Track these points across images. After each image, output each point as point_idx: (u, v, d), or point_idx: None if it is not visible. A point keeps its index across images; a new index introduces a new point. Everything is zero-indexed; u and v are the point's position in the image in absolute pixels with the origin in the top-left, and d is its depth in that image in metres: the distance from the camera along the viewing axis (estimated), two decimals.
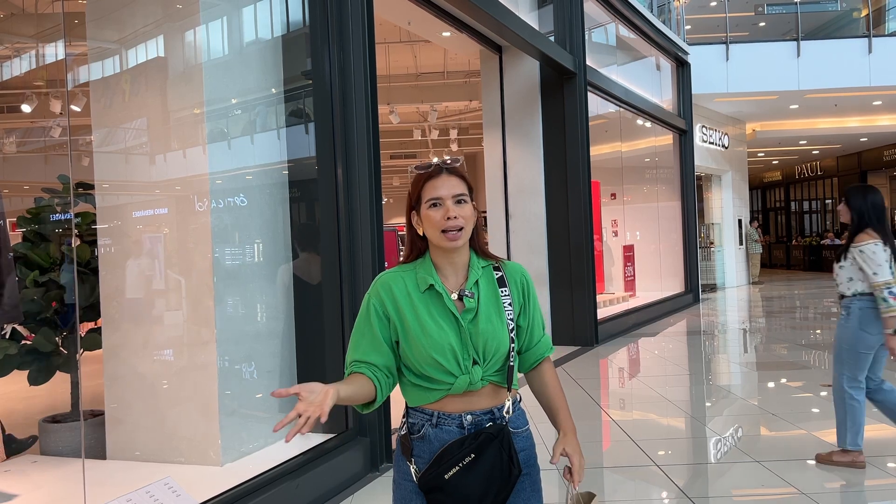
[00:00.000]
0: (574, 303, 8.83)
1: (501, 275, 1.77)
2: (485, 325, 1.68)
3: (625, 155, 12.58)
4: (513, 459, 1.66)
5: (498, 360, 1.70)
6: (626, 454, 4.58)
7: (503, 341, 1.69)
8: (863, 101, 15.81)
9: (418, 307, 1.68)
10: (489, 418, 1.70)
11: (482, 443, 1.64)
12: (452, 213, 1.65)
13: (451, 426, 1.68)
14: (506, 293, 1.74)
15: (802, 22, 14.99)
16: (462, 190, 1.68)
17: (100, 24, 4.33)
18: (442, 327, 1.66)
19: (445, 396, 1.68)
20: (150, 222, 4.31)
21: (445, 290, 1.69)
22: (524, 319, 1.79)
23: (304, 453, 3.91)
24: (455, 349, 1.65)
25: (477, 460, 1.63)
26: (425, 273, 1.70)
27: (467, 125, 18.28)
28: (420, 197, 1.69)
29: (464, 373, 1.66)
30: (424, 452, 1.69)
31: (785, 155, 24.29)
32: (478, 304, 1.70)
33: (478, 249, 1.76)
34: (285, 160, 4.58)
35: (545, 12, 9.16)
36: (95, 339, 4.24)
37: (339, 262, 4.36)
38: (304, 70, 4.63)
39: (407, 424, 1.74)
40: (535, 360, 1.81)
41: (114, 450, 4.13)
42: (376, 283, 1.74)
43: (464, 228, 1.66)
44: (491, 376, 1.69)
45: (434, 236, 1.68)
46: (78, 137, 4.79)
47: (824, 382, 6.33)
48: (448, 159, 1.71)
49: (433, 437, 1.68)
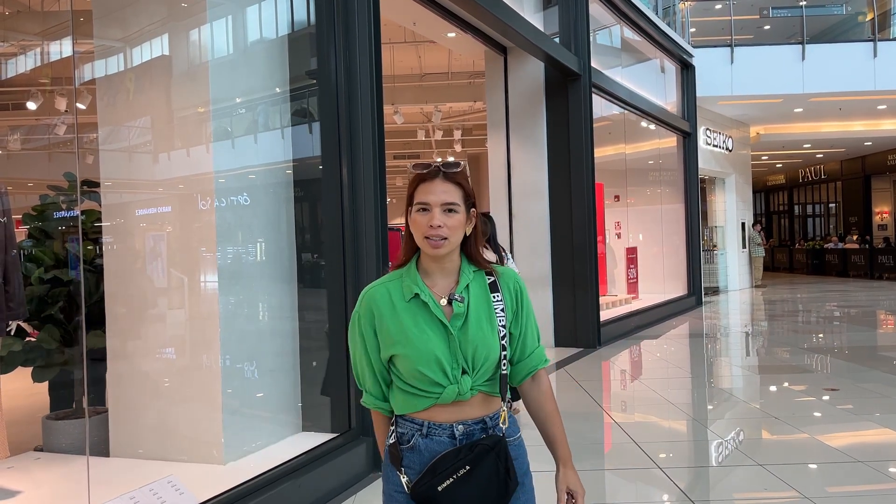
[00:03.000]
0: (577, 305, 8.82)
1: (494, 280, 1.70)
2: (474, 332, 1.62)
3: (629, 157, 12.58)
4: (510, 472, 1.62)
5: (488, 369, 1.64)
6: (629, 457, 4.57)
7: (493, 349, 1.63)
8: (867, 105, 15.78)
9: (403, 318, 1.63)
10: (481, 428, 1.65)
11: (478, 455, 1.59)
12: (437, 222, 1.59)
13: (443, 437, 1.63)
14: (498, 298, 1.68)
15: (807, 25, 14.97)
16: (454, 199, 1.61)
17: (106, 22, 4.34)
18: (429, 336, 1.61)
19: (434, 405, 1.63)
20: (154, 220, 4.32)
21: (432, 297, 1.64)
22: (516, 327, 1.71)
23: (307, 452, 3.91)
24: (441, 359, 1.60)
25: (472, 472, 1.58)
26: (410, 281, 1.65)
27: (471, 126, 18.27)
28: (412, 197, 1.65)
29: (452, 383, 1.61)
30: (415, 463, 1.64)
31: (789, 158, 24.26)
32: (467, 309, 1.64)
33: (469, 255, 1.70)
34: (290, 159, 4.59)
35: (550, 14, 9.16)
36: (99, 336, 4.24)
37: (344, 261, 4.36)
38: (309, 69, 4.63)
39: (396, 433, 1.68)
40: (528, 373, 1.74)
41: (117, 447, 4.14)
42: (361, 299, 1.72)
43: (448, 239, 1.60)
44: (481, 386, 1.64)
45: (418, 240, 1.63)
46: (83, 135, 4.80)
47: (827, 386, 6.33)
48: (449, 161, 1.65)
49: (423, 448, 1.64)
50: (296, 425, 4.42)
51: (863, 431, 5.03)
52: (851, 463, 4.24)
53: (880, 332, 10.58)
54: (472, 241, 1.70)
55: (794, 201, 29.11)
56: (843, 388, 6.27)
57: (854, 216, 24.38)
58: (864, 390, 6.23)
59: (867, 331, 10.64)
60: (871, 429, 5.09)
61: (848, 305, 13.92)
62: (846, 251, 21.59)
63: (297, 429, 4.41)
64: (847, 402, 5.82)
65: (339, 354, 4.36)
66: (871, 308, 13.35)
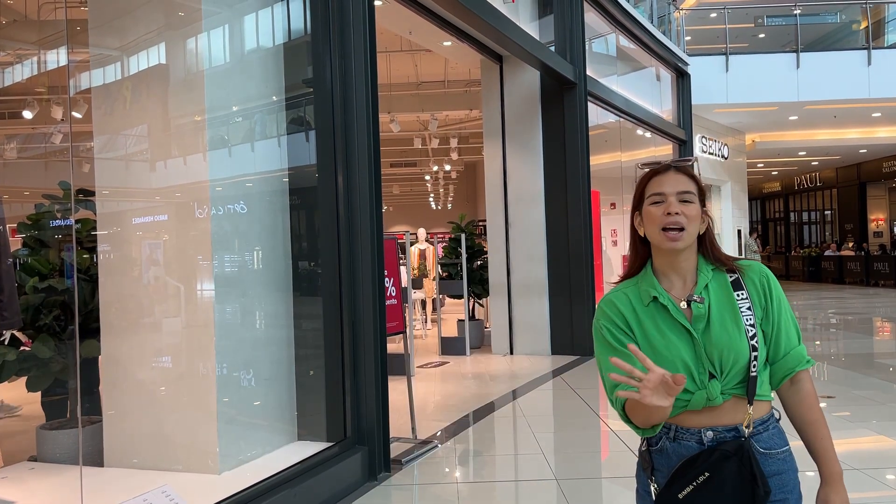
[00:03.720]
0: (573, 312, 8.81)
1: (737, 277, 1.59)
2: (719, 334, 1.53)
3: (625, 165, 12.60)
4: (756, 480, 1.48)
5: (738, 372, 1.53)
6: (626, 465, 4.56)
7: (742, 351, 1.52)
8: (862, 113, 15.86)
9: (644, 322, 1.57)
10: (733, 435, 1.53)
11: (716, 461, 1.49)
12: (674, 209, 1.52)
13: (690, 441, 1.55)
14: (742, 297, 1.56)
15: (802, 34, 15.06)
16: (689, 188, 1.56)
17: (102, 31, 4.34)
18: (672, 342, 1.54)
19: (683, 412, 1.55)
20: (150, 229, 4.31)
21: (671, 300, 1.57)
22: (767, 325, 1.58)
23: (302, 462, 3.90)
24: (688, 364, 1.52)
25: (712, 479, 1.49)
26: (647, 285, 1.59)
27: (468, 134, 18.32)
28: (643, 194, 1.59)
29: (700, 388, 1.53)
30: (663, 466, 1.58)
31: (784, 166, 24.37)
32: (709, 310, 1.55)
33: (707, 253, 1.61)
34: (286, 168, 4.59)
35: (546, 22, 9.20)
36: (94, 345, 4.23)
37: (339, 269, 4.36)
38: (305, 78, 4.64)
39: (645, 438, 1.63)
40: (785, 375, 1.59)
41: (112, 457, 4.12)
42: (599, 306, 1.66)
43: (686, 229, 1.53)
44: (733, 389, 1.53)
45: (654, 235, 1.56)
46: (79, 144, 4.80)
47: (823, 394, 6.33)
48: (680, 158, 1.60)
49: (671, 451, 1.57)
50: (291, 434, 4.40)
51: (859, 439, 5.02)
52: (848, 471, 4.22)
53: (877, 340, 10.60)
54: (707, 240, 1.61)
55: (790, 209, 29.21)
56: (840, 396, 6.28)
57: (850, 223, 24.47)
58: (860, 398, 6.23)
59: (864, 338, 10.65)
60: (867, 436, 5.09)
61: (844, 312, 13.94)
62: (842, 258, 21.65)
63: (292, 437, 4.40)
64: (844, 409, 5.83)
65: (334, 362, 4.35)
66: (867, 315, 13.37)
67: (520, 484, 4.41)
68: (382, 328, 4.46)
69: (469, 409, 6.14)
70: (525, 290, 9.06)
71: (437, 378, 7.80)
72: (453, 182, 27.06)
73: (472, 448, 5.18)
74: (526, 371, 7.84)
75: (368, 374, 4.32)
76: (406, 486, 4.26)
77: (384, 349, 4.49)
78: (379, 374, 4.36)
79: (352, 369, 4.31)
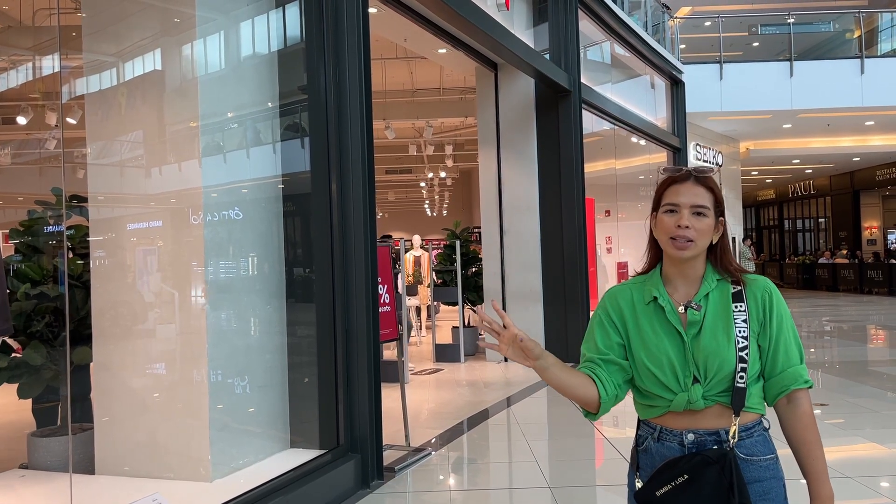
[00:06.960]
0: (568, 320, 8.81)
1: (740, 290, 1.64)
2: (707, 342, 1.58)
3: (619, 172, 12.63)
4: (733, 488, 1.51)
5: (722, 380, 1.57)
6: (620, 473, 4.55)
7: (727, 359, 1.57)
8: (855, 122, 15.94)
9: (641, 319, 1.65)
10: (714, 440, 1.58)
11: (697, 465, 1.54)
12: (684, 223, 1.58)
13: (672, 443, 1.62)
14: (740, 308, 1.61)
15: (795, 42, 15.14)
16: (704, 202, 1.60)
17: (96, 38, 4.34)
18: (662, 341, 1.61)
19: (667, 412, 1.63)
20: (144, 235, 4.30)
21: (670, 302, 1.63)
22: (765, 339, 1.61)
23: (295, 469, 3.89)
24: (674, 365, 1.59)
25: (691, 482, 1.53)
26: (651, 285, 1.67)
27: (462, 141, 18.36)
28: (660, 200, 1.65)
29: (683, 390, 1.59)
30: (647, 466, 1.66)
31: (778, 174, 24.46)
32: (703, 318, 1.60)
33: (716, 264, 1.65)
34: (280, 174, 4.59)
35: (540, 30, 9.23)
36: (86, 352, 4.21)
37: (333, 275, 4.35)
38: (299, 85, 4.65)
39: (636, 436, 1.73)
40: (779, 392, 1.61)
41: (102, 464, 4.09)
42: (604, 296, 1.75)
43: (694, 242, 1.58)
44: (717, 397, 1.58)
45: (663, 241, 1.63)
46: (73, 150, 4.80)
47: (817, 401, 6.33)
48: (701, 166, 1.64)
49: (654, 452, 1.65)
50: (284, 441, 4.39)
51: (853, 446, 5.03)
52: (841, 478, 4.23)
53: (870, 347, 10.62)
54: (720, 249, 1.65)
55: (785, 216, 29.31)
56: (834, 403, 6.28)
57: (844, 231, 24.56)
58: (854, 405, 6.24)
59: (857, 345, 10.67)
60: (860, 444, 5.10)
61: (838, 320, 13.97)
62: (836, 266, 21.72)
63: (285, 445, 4.38)
64: (837, 416, 5.83)
65: (328, 370, 4.34)
66: (861, 322, 13.41)
67: (513, 492, 4.40)
68: (376, 335, 4.45)
69: (463, 416, 6.13)
70: (520, 298, 9.06)
71: (432, 385, 7.78)
72: (448, 189, 27.12)
73: (465, 456, 5.17)
74: (520, 378, 7.83)
75: (362, 382, 4.31)
76: (399, 493, 4.25)
77: (378, 356, 4.48)
78: (372, 381, 4.35)
79: (345, 376, 4.30)
